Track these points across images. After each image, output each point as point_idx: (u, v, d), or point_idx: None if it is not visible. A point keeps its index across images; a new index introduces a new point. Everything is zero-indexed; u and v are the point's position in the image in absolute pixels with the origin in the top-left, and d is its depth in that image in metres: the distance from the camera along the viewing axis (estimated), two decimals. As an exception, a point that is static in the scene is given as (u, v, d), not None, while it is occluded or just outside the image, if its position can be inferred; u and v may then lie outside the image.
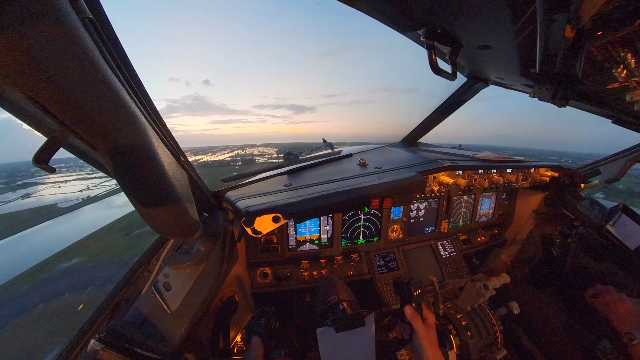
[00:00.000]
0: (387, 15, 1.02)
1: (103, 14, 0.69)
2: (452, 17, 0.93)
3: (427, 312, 0.98)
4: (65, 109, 0.49)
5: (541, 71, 1.06)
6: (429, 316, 0.97)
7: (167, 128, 1.01)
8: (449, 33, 1.05)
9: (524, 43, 0.99)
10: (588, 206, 2.35)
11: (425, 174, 1.73)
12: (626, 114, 1.47)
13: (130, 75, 0.81)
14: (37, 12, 0.40)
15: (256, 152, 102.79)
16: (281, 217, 1.22)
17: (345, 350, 0.95)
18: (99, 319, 1.08)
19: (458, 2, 0.82)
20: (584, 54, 0.74)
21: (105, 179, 59.15)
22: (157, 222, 0.80)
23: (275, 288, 1.84)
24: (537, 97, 1.44)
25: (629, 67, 0.70)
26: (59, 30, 0.43)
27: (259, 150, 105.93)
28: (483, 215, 2.62)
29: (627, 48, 0.67)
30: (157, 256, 1.29)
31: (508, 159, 2.27)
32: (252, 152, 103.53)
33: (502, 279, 1.16)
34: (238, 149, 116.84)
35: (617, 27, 0.63)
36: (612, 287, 1.48)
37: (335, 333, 0.94)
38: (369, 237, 2.12)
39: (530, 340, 1.75)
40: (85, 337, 1.03)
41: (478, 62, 1.48)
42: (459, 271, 2.17)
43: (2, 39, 0.37)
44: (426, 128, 2.63)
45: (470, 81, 1.97)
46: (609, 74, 0.77)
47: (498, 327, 1.10)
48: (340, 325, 0.95)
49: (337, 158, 2.19)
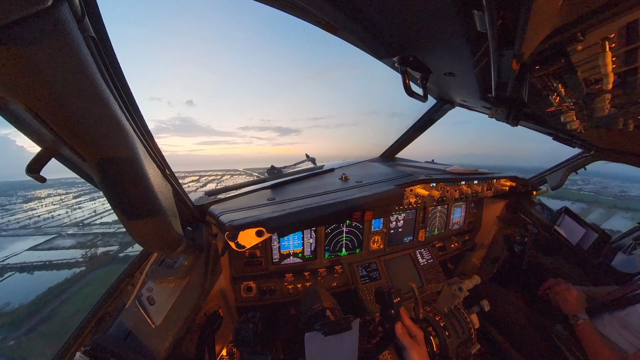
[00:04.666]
0: (366, 43, 1.15)
1: (105, 32, 0.72)
2: (422, 48, 1.07)
3: (415, 329, 1.03)
4: (60, 120, 0.51)
5: (496, 96, 1.24)
6: (417, 333, 1.02)
7: (154, 141, 1.02)
8: (419, 61, 1.19)
9: (482, 72, 1.16)
10: (540, 210, 2.73)
11: (402, 187, 1.85)
12: (562, 132, 1.74)
13: (123, 89, 0.84)
14: (47, 30, 0.43)
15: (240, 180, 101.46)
16: (265, 231, 1.22)
17: (331, 354, 0.98)
18: (84, 331, 1.03)
19: (426, 35, 0.95)
20: (527, 83, 0.90)
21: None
22: (141, 234, 0.80)
23: (259, 302, 1.82)
24: (494, 117, 1.64)
25: (561, 95, 0.86)
26: (63, 47, 0.46)
27: (243, 178, 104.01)
28: (455, 224, 2.82)
29: (558, 80, 0.83)
30: (140, 270, 1.25)
31: (474, 172, 2.50)
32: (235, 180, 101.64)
33: (474, 280, 1.27)
34: (223, 173, 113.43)
35: (549, 63, 0.78)
36: (561, 279, 1.72)
37: (324, 337, 0.97)
38: (352, 248, 2.17)
39: (499, 333, 1.91)
40: (71, 350, 1.00)
41: (445, 86, 1.67)
42: (436, 276, 2.29)
43: (11, 54, 0.40)
44: (402, 144, 2.84)
45: (439, 103, 2.18)
46: (547, 99, 0.94)
47: (472, 324, 1.19)
48: (328, 329, 0.98)
49: (320, 173, 2.25)
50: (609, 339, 1.40)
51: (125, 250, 38.31)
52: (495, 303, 1.43)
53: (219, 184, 31.79)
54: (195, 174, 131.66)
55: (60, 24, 0.45)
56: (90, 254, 38.98)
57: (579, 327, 1.43)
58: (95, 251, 40.00)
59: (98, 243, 43.18)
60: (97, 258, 37.81)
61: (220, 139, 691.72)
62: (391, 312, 1.04)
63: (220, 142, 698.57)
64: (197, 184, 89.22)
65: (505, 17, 0.65)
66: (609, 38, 0.61)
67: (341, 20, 0.93)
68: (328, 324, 1.01)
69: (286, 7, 1.04)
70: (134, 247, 35.29)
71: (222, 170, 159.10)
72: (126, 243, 40.28)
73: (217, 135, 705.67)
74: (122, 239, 42.71)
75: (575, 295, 1.57)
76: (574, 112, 1.07)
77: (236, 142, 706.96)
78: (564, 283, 1.68)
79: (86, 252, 39.86)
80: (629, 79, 0.74)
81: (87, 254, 39.04)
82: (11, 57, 0.41)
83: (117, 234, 44.85)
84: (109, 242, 43.36)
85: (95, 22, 0.68)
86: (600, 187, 59.40)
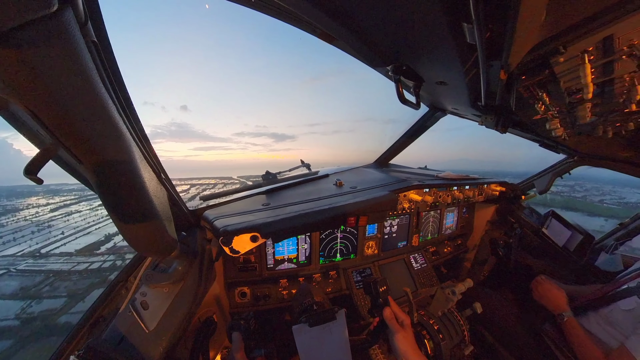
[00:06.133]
0: (360, 52, 1.18)
1: (106, 37, 0.73)
2: (415, 58, 1.11)
3: (402, 315, 1.05)
4: (59, 121, 0.52)
5: (486, 104, 1.28)
6: (404, 318, 1.04)
7: (150, 145, 1.03)
8: (412, 70, 1.23)
9: (472, 81, 1.20)
10: (528, 214, 2.84)
11: (396, 192, 1.88)
12: (548, 138, 1.81)
13: (122, 93, 0.85)
14: (50, 34, 0.44)
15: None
16: (259, 237, 1.22)
17: (321, 345, 1.00)
18: (77, 335, 1.02)
19: (419, 46, 0.99)
20: (514, 92, 0.94)
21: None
22: (136, 238, 0.80)
23: (254, 307, 1.80)
24: (484, 125, 1.70)
25: (546, 103, 0.90)
26: (66, 51, 0.47)
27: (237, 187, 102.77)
28: (448, 228, 2.86)
29: (543, 89, 0.87)
30: (134, 274, 1.23)
31: (466, 177, 2.56)
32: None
33: (467, 283, 1.29)
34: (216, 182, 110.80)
35: (534, 74, 0.82)
36: (544, 278, 1.82)
37: (310, 328, 0.99)
38: (346, 254, 2.18)
39: (491, 335, 1.94)
40: (64, 354, 0.99)
41: (437, 95, 1.72)
42: (430, 281, 2.31)
43: (15, 56, 0.41)
44: (396, 151, 2.89)
45: (432, 110, 2.24)
46: (533, 108, 0.98)
47: (465, 326, 1.21)
48: (312, 320, 1.01)
49: (314, 178, 2.26)
50: (594, 335, 1.46)
51: (70, 310, 27.38)
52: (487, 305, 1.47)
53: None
54: (187, 182, 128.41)
55: (64, 29, 0.46)
56: (27, 313, 28.16)
57: (565, 325, 1.49)
58: (34, 310, 28.44)
59: (44, 291, 32.85)
60: (34, 322, 26.56)
61: (215, 145, 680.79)
62: (379, 300, 1.06)
63: (215, 148, 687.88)
64: (186, 195, 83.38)
65: (493, 30, 0.69)
66: (588, 51, 0.65)
67: (336, 29, 0.97)
68: (312, 315, 1.03)
69: (282, 16, 1.07)
70: (85, 303, 27.95)
71: (216, 178, 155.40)
72: (75, 294, 30.91)
73: (212, 141, 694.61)
74: (76, 283, 34.01)
75: (555, 293, 1.65)
76: (558, 120, 1.13)
77: (231, 148, 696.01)
78: (546, 282, 1.75)
79: (24, 307, 29.33)
80: (606, 88, 0.79)
81: (24, 311, 28.58)
82: (15, 60, 0.41)
83: (72, 273, 36.86)
84: (57, 290, 33.35)
85: (97, 27, 0.69)
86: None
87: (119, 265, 38.26)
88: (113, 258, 42.08)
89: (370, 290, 1.10)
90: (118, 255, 42.48)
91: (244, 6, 1.02)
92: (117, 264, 38.88)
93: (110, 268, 38.22)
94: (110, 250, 46.76)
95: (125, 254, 40.76)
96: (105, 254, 45.26)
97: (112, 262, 40.44)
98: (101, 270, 38.19)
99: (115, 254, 43.73)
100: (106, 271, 37.52)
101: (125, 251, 41.93)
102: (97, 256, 44.54)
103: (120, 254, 42.95)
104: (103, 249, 48.27)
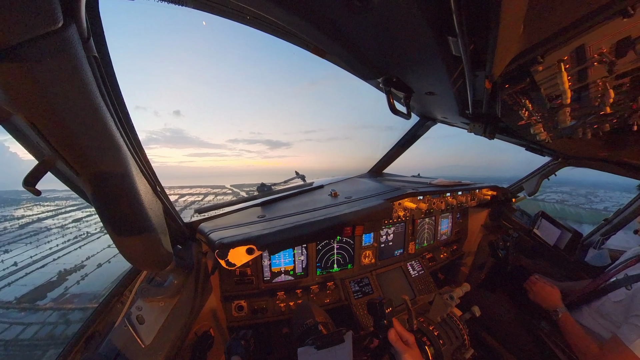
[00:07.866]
0: (352, 66, 1.23)
1: (107, 51, 0.75)
2: (404, 70, 1.17)
3: (406, 334, 1.03)
4: (58, 134, 0.53)
5: (473, 112, 1.34)
6: (408, 337, 1.02)
7: (146, 157, 1.03)
8: (402, 82, 1.29)
9: (459, 91, 1.26)
10: (519, 216, 2.94)
11: (391, 201, 1.90)
12: (533, 142, 1.90)
13: (120, 107, 0.86)
14: (54, 50, 0.46)
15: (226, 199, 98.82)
16: (255, 249, 1.20)
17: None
18: (73, 350, 0.97)
19: (408, 59, 1.04)
20: (499, 100, 1.00)
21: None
22: (131, 251, 0.79)
23: (251, 321, 1.76)
24: (473, 132, 1.76)
25: (529, 109, 0.95)
26: (68, 66, 0.49)
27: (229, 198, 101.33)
28: (443, 234, 2.89)
29: (525, 96, 0.93)
30: (129, 288, 1.20)
31: (458, 183, 2.62)
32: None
33: (464, 287, 1.30)
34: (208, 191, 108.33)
35: (517, 82, 0.87)
36: (537, 276, 1.85)
37: (317, 351, 0.95)
38: (343, 264, 2.17)
39: (491, 337, 1.95)
40: None
41: (427, 105, 1.78)
42: (428, 287, 2.31)
43: (20, 71, 0.43)
44: (389, 160, 2.94)
45: (422, 120, 2.31)
46: (518, 114, 1.04)
47: (465, 330, 1.21)
48: (320, 343, 0.97)
49: (310, 189, 2.27)
50: (589, 328, 1.50)
51: None
52: (485, 308, 1.48)
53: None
54: (176, 191, 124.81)
55: (68, 44, 0.48)
56: None
57: (560, 320, 1.53)
58: None
59: None
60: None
61: (209, 151, 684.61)
62: (384, 322, 1.05)
63: (210, 155, 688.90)
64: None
65: (476, 43, 0.74)
66: (564, 60, 0.70)
67: (328, 44, 1.01)
68: (320, 337, 1.00)
69: (275, 31, 1.11)
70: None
71: (207, 187, 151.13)
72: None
73: (206, 148, 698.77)
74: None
75: (549, 290, 1.69)
76: (541, 125, 1.19)
77: (226, 155, 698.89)
78: (540, 281, 1.79)
79: None
80: (582, 94, 0.84)
81: None
82: (20, 74, 0.43)
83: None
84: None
85: (98, 42, 0.71)
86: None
87: (57, 335, 21.98)
88: (55, 319, 25.39)
89: (376, 311, 1.08)
90: (61, 315, 25.85)
91: (239, 22, 1.06)
92: (56, 333, 22.87)
93: (46, 338, 22.54)
94: (56, 302, 30.21)
95: (73, 310, 25.70)
96: (48, 309, 28.20)
97: (52, 325, 24.17)
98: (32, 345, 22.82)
99: (60, 310, 27.35)
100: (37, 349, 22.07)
101: (74, 307, 26.91)
102: (38, 311, 27.97)
103: (65, 310, 27.03)
104: (47, 299, 31.37)
